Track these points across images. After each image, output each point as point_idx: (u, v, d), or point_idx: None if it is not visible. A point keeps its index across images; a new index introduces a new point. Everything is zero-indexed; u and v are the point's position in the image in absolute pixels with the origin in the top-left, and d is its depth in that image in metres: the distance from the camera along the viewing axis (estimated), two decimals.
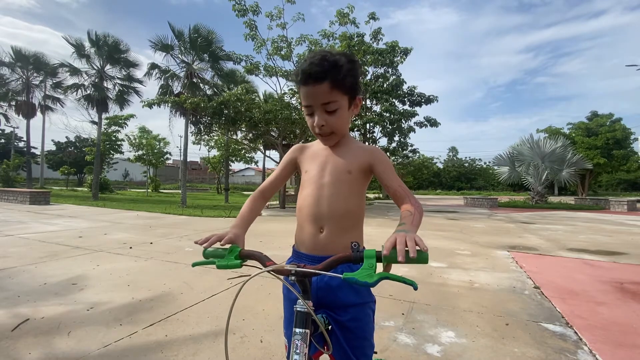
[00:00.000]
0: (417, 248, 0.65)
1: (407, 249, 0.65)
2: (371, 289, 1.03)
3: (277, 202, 15.21)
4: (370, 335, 1.00)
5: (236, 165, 40.80)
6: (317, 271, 0.75)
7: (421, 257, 0.66)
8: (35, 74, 19.38)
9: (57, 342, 2.00)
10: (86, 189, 25.06)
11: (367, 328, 1.00)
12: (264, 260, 0.83)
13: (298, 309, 0.79)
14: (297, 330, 0.77)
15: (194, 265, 0.87)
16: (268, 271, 0.77)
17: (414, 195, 0.94)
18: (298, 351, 0.75)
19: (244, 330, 2.22)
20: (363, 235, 1.06)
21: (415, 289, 0.65)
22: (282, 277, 0.80)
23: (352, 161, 1.02)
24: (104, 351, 1.91)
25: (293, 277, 0.77)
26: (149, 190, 28.55)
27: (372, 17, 14.77)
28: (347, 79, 0.92)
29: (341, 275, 0.69)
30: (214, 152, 28.92)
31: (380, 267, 0.69)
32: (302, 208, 1.03)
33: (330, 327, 0.96)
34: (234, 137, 16.03)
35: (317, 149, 1.09)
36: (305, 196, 1.03)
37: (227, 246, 0.86)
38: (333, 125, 0.96)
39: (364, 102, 17.99)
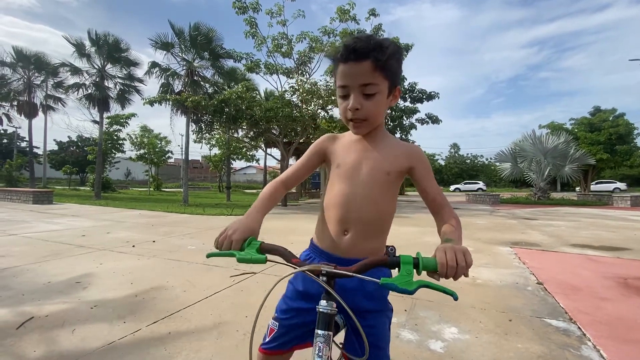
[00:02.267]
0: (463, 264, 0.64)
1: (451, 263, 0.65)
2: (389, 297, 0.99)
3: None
4: (385, 344, 0.94)
5: (238, 164, 40.86)
6: (351, 273, 0.71)
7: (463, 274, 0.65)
8: (36, 74, 19.43)
9: (61, 339, 2.01)
10: (88, 188, 25.17)
11: (382, 337, 0.93)
12: (289, 256, 0.78)
13: (321, 309, 0.74)
14: (320, 332, 0.73)
15: (208, 256, 0.78)
16: (302, 271, 0.73)
17: (451, 205, 0.89)
18: (321, 354, 0.71)
19: (247, 327, 2.22)
20: (386, 241, 0.98)
21: (456, 299, 0.63)
22: (315, 277, 0.75)
23: (392, 161, 0.93)
24: (107, 348, 1.92)
25: (323, 278, 0.73)
26: (151, 189, 28.62)
27: (373, 13, 14.68)
28: (391, 63, 0.85)
29: (379, 281, 0.66)
30: (215, 151, 28.96)
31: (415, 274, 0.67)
32: (329, 206, 0.95)
33: (346, 329, 0.93)
34: (235, 135, 16.04)
35: (351, 140, 0.99)
36: (334, 194, 0.95)
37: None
38: (369, 110, 0.87)
39: None
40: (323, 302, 0.74)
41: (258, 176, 54.61)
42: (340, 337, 0.93)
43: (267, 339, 0.98)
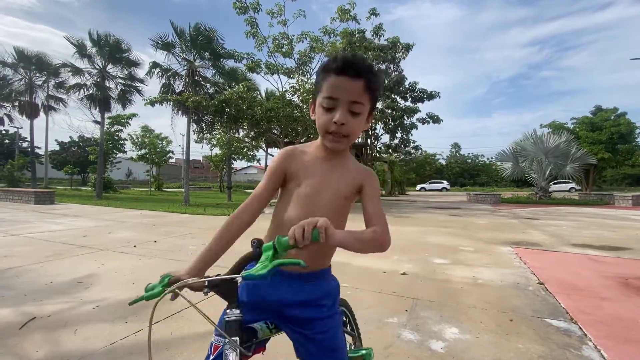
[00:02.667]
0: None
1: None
2: (340, 298, 1.03)
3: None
4: (339, 347, 0.95)
5: (238, 164, 40.90)
6: (226, 276, 0.75)
7: (312, 236, 0.67)
8: (37, 74, 19.48)
9: (64, 339, 2.02)
10: (90, 188, 25.23)
11: (336, 340, 0.95)
12: (199, 285, 0.76)
13: (227, 318, 0.76)
14: (226, 339, 0.75)
15: (130, 304, 0.81)
16: (172, 290, 0.72)
17: (384, 230, 0.87)
18: None
19: None
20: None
21: (303, 266, 0.66)
22: (181, 295, 0.74)
23: (350, 185, 0.94)
24: (110, 348, 1.93)
25: (207, 290, 0.74)
26: (152, 189, 28.67)
27: (373, 13, 14.69)
28: (378, 88, 0.88)
29: (240, 276, 0.70)
30: (216, 151, 29.00)
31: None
32: (285, 224, 0.90)
33: (273, 331, 0.94)
34: (236, 135, 16.06)
35: (314, 158, 0.96)
36: (292, 214, 0.91)
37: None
38: (353, 127, 0.87)
39: None
40: (228, 311, 0.77)
41: (259, 176, 54.66)
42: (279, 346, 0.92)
43: (212, 356, 0.86)
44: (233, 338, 0.74)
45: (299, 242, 0.68)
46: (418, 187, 42.94)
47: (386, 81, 16.66)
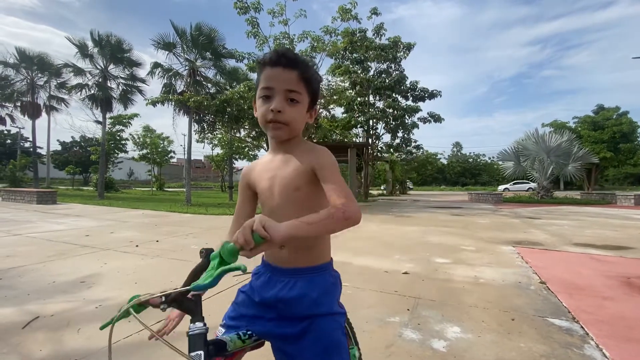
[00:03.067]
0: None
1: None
2: (339, 302, 0.97)
3: None
4: (338, 352, 0.88)
5: (240, 163, 40.89)
6: (165, 292, 0.72)
7: (254, 238, 0.65)
8: (39, 75, 19.56)
9: (67, 339, 2.03)
10: (92, 188, 25.30)
11: (334, 344, 0.88)
12: (155, 300, 0.77)
13: (190, 333, 0.74)
14: (192, 354, 0.73)
15: (101, 328, 0.79)
16: (127, 309, 0.73)
17: (352, 199, 0.79)
18: None
19: None
20: (330, 246, 0.99)
21: (243, 271, 0.62)
22: (134, 314, 0.75)
23: (298, 173, 0.89)
24: (113, 347, 1.93)
25: (164, 306, 0.74)
26: (154, 188, 28.75)
27: (374, 12, 14.67)
28: (314, 80, 0.90)
29: (189, 287, 0.69)
30: (218, 151, 29.03)
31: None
32: None
33: (247, 342, 0.92)
34: (237, 135, 16.07)
35: (265, 162, 0.99)
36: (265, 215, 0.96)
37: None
38: (290, 115, 0.87)
39: (366, 99, 17.92)
40: (191, 325, 0.75)
41: None
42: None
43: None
44: (198, 352, 0.73)
45: (243, 246, 0.66)
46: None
47: (387, 80, 16.64)
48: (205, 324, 0.75)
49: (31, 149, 23.78)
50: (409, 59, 16.57)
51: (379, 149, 20.77)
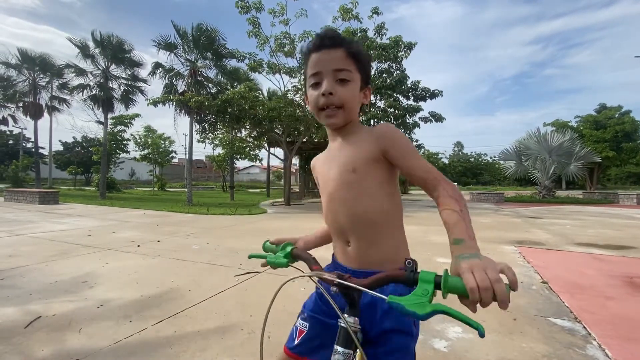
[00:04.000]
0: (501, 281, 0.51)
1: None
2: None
3: (282, 199, 15.24)
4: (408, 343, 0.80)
5: (241, 163, 40.93)
6: (357, 287, 0.64)
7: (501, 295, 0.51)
8: (41, 75, 19.58)
9: (69, 338, 2.04)
10: (93, 188, 25.36)
11: (406, 339, 0.80)
12: (311, 263, 0.76)
13: (342, 324, 0.68)
14: (339, 348, 0.67)
15: (250, 256, 0.88)
16: (308, 276, 0.69)
17: (449, 181, 0.75)
18: None
19: (252, 326, 2.24)
20: (404, 246, 0.89)
21: (482, 335, 0.50)
22: (320, 284, 0.70)
23: (357, 155, 0.83)
24: (114, 347, 1.94)
25: (335, 289, 0.68)
26: (155, 188, 28.79)
27: (375, 12, 14.62)
28: (362, 56, 0.85)
29: (386, 298, 0.57)
30: (219, 150, 29.05)
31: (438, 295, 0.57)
32: (326, 219, 0.94)
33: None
34: (239, 135, 16.07)
35: (326, 152, 0.97)
36: (324, 207, 0.93)
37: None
38: (344, 95, 0.81)
39: None
40: (345, 316, 0.68)
41: (261, 175, 54.70)
42: None
43: (296, 341, 0.89)
44: (349, 351, 0.67)
45: (484, 297, 0.51)
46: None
47: (388, 80, 16.62)
48: (359, 323, 0.69)
49: (33, 150, 23.86)
50: (410, 59, 16.50)
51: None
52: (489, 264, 0.55)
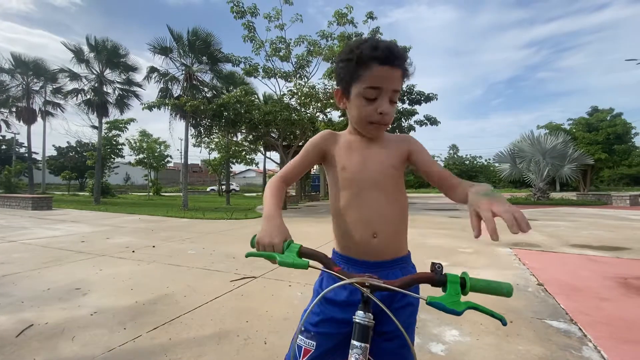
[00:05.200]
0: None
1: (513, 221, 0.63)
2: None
3: None
4: (413, 339, 0.93)
5: (237, 167, 40.85)
6: (396, 289, 0.69)
7: (505, 287, 0.65)
8: (35, 80, 19.42)
9: (62, 347, 2.00)
10: (88, 194, 25.12)
11: (412, 336, 0.95)
12: (329, 264, 0.75)
13: (358, 320, 0.72)
14: (357, 343, 0.70)
15: (247, 255, 0.76)
16: (351, 283, 0.70)
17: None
18: None
19: (248, 332, 2.22)
20: (406, 240, 1.02)
21: (505, 324, 0.62)
22: (363, 288, 0.71)
23: (394, 154, 0.94)
24: (108, 355, 1.91)
25: (367, 290, 0.71)
26: (151, 193, 28.59)
27: (370, 16, 14.74)
28: (409, 76, 0.88)
29: (425, 299, 0.66)
30: (215, 155, 28.97)
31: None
32: (345, 211, 0.92)
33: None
34: (234, 139, 16.04)
35: (350, 140, 0.97)
36: (348, 197, 0.92)
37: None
38: (392, 115, 0.88)
39: None
40: (360, 313, 0.72)
41: (257, 179, 54.59)
42: None
43: (290, 348, 0.90)
44: (365, 344, 0.70)
45: (511, 222, 0.62)
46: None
47: None
48: (373, 318, 0.72)
49: (26, 155, 23.61)
50: None
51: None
52: (502, 199, 0.67)
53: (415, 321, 0.95)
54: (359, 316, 0.72)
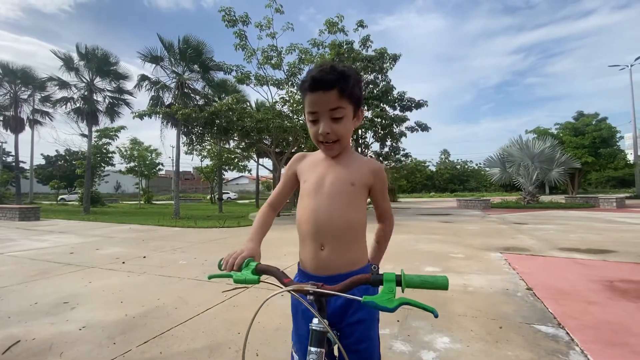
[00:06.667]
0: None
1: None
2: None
3: None
4: (377, 349, 0.97)
5: (229, 174, 40.65)
6: (335, 292, 0.74)
7: (441, 281, 0.68)
8: (23, 88, 19.18)
9: None
10: (77, 203, 24.68)
11: (375, 344, 0.96)
12: (280, 277, 0.81)
13: (314, 327, 0.77)
14: (313, 349, 0.76)
15: (209, 277, 0.83)
16: (288, 291, 0.76)
17: (393, 219, 1.13)
18: None
19: (240, 344, 2.21)
20: (367, 251, 1.06)
21: (436, 316, 0.65)
22: (299, 296, 0.77)
23: (356, 174, 0.99)
24: None
25: (311, 297, 0.76)
26: (142, 202, 28.23)
27: (361, 24, 14.97)
28: (354, 89, 0.93)
29: (360, 299, 0.69)
30: (207, 162, 28.81)
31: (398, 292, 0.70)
32: (301, 222, 0.99)
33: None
34: (227, 146, 16.01)
35: (318, 158, 1.06)
36: (303, 208, 0.99)
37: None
38: (338, 132, 0.93)
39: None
40: (315, 320, 0.77)
41: (250, 186, 54.36)
42: None
43: None
44: (320, 349, 0.75)
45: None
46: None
47: (375, 91, 16.90)
48: (328, 324, 0.77)
49: (14, 164, 23.14)
50: (396, 69, 16.85)
51: (369, 157, 20.86)
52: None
53: (376, 336, 0.97)
54: (314, 323, 0.78)
